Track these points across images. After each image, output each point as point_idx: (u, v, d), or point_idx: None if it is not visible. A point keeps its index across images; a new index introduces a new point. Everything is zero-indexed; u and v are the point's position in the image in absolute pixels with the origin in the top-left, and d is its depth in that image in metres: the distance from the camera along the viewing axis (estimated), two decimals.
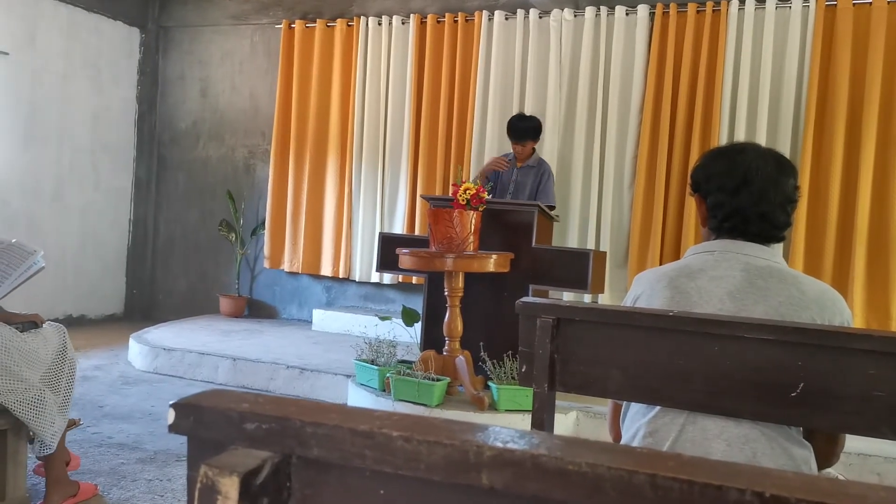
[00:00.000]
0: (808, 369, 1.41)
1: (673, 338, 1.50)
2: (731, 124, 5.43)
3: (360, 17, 6.56)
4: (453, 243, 3.84)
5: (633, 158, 5.69)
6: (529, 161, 4.92)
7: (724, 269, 1.57)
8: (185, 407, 0.67)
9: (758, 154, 1.62)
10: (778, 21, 5.34)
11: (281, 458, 0.64)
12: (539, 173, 4.89)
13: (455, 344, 4.03)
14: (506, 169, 4.91)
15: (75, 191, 6.85)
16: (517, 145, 4.86)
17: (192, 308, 7.22)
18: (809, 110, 5.19)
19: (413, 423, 0.62)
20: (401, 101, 6.41)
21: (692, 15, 5.52)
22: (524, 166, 4.92)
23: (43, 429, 2.64)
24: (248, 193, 7.17)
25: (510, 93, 6.03)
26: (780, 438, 1.47)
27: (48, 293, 6.36)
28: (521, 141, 4.84)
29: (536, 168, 4.91)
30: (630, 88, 5.68)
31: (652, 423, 1.55)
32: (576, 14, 5.86)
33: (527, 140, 4.85)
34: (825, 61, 5.21)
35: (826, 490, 0.52)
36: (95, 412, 4.17)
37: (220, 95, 7.31)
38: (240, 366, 5.04)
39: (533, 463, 0.56)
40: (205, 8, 7.33)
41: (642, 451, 0.58)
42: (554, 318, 1.61)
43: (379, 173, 6.50)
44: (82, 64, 6.85)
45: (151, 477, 3.24)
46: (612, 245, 5.70)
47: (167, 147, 7.54)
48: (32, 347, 2.69)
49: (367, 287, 6.71)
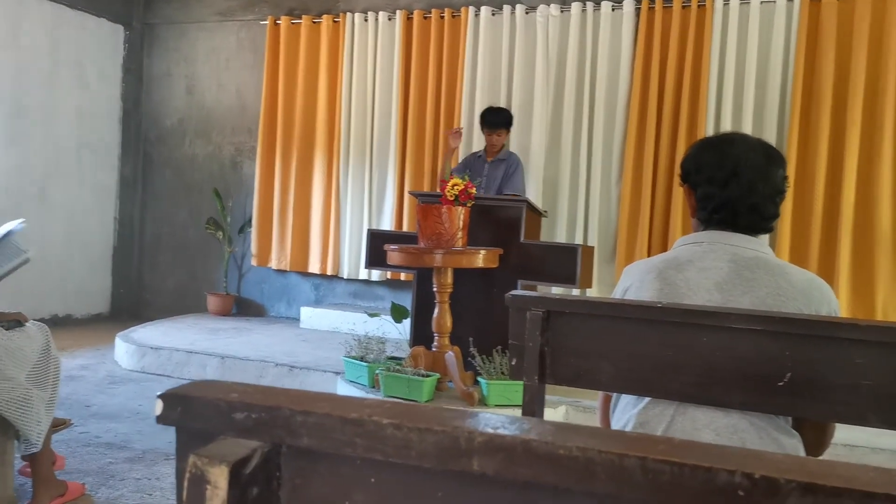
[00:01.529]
0: (796, 359, 1.42)
1: (662, 329, 1.50)
2: (716, 118, 5.45)
3: (346, 14, 6.54)
4: (442, 239, 3.84)
5: (621, 153, 5.70)
6: (500, 155, 5.00)
7: (711, 260, 1.57)
8: (174, 397, 0.66)
9: (747, 145, 1.61)
10: (763, 16, 5.37)
11: (271, 447, 0.63)
12: (508, 165, 4.96)
13: (444, 340, 4.03)
14: (457, 143, 5.08)
15: (60, 189, 6.80)
16: (492, 135, 4.97)
17: (179, 307, 7.18)
18: (794, 104, 5.23)
19: (403, 410, 0.61)
20: (388, 96, 6.40)
21: (678, 10, 5.54)
22: (494, 160, 4.99)
23: (29, 428, 2.62)
24: (235, 191, 7.13)
25: (497, 88, 6.03)
26: (769, 428, 1.48)
27: (34, 293, 6.30)
28: (496, 129, 4.95)
29: (506, 161, 5.01)
30: (616, 84, 5.70)
31: (642, 415, 1.56)
32: (562, 10, 5.87)
33: (500, 130, 4.96)
34: (810, 56, 5.25)
35: (816, 471, 0.52)
36: (83, 412, 4.14)
37: (206, 92, 7.27)
38: (228, 364, 5.02)
39: (524, 448, 0.56)
40: (190, 5, 7.28)
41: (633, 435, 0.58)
42: (544, 311, 1.61)
43: (367, 169, 6.48)
44: (66, 61, 6.79)
45: (140, 476, 3.22)
46: (600, 240, 5.72)
47: (153, 145, 7.50)
48: (18, 345, 2.66)
49: (356, 284, 6.70)
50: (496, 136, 4.95)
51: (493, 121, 4.95)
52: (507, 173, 4.94)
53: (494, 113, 5.02)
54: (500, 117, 4.98)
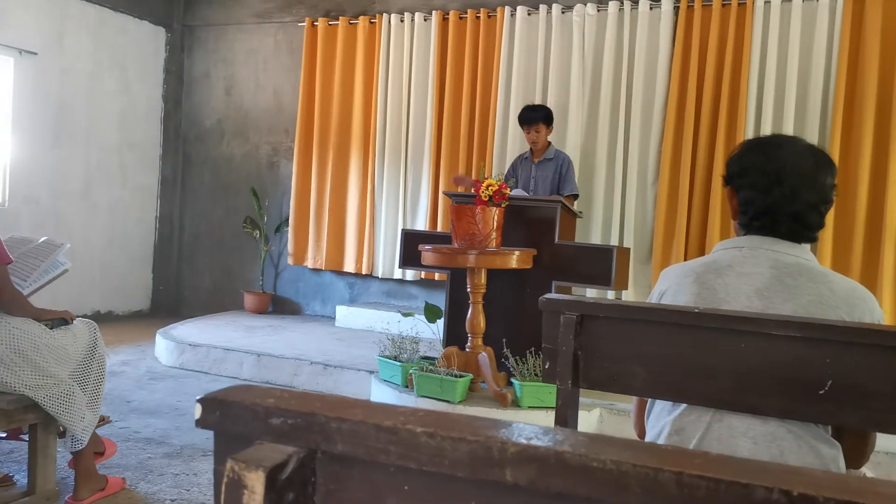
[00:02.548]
0: (837, 367, 1.39)
1: (698, 334, 1.48)
2: (756, 120, 5.36)
3: (382, 15, 6.58)
4: (476, 239, 3.84)
5: (657, 154, 5.64)
6: (546, 154, 4.93)
7: (752, 265, 1.54)
8: (212, 402, 0.67)
9: (795, 151, 1.55)
10: (805, 14, 5.26)
11: (306, 452, 0.64)
12: (558, 164, 4.89)
13: (478, 340, 4.03)
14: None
15: (103, 188, 6.95)
16: (531, 132, 4.88)
17: (216, 304, 7.29)
18: (837, 106, 5.11)
19: (437, 419, 0.62)
20: (423, 97, 6.41)
21: (717, 8, 5.45)
22: (542, 160, 4.93)
23: (73, 423, 2.69)
24: (271, 190, 7.22)
25: (532, 88, 6.01)
26: (808, 436, 1.45)
27: (76, 290, 6.46)
28: (534, 125, 4.84)
29: (554, 160, 4.92)
30: (654, 84, 5.64)
31: (678, 421, 1.54)
32: (599, 9, 5.82)
33: (538, 124, 4.85)
34: (853, 56, 5.13)
35: (855, 488, 0.51)
36: (123, 407, 4.23)
37: (245, 93, 7.37)
38: (264, 361, 5.08)
39: (557, 459, 0.56)
40: (229, 7, 7.38)
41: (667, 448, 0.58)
42: (578, 315, 1.60)
43: (401, 170, 6.51)
44: (109, 63, 6.93)
45: (178, 471, 3.28)
46: (636, 241, 5.66)
47: (192, 144, 7.62)
48: (62, 344, 2.73)
49: (390, 283, 6.73)
50: (535, 131, 4.86)
51: (529, 116, 4.87)
52: (562, 173, 4.87)
53: (531, 109, 4.95)
54: (537, 113, 4.90)
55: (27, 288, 2.80)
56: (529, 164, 4.98)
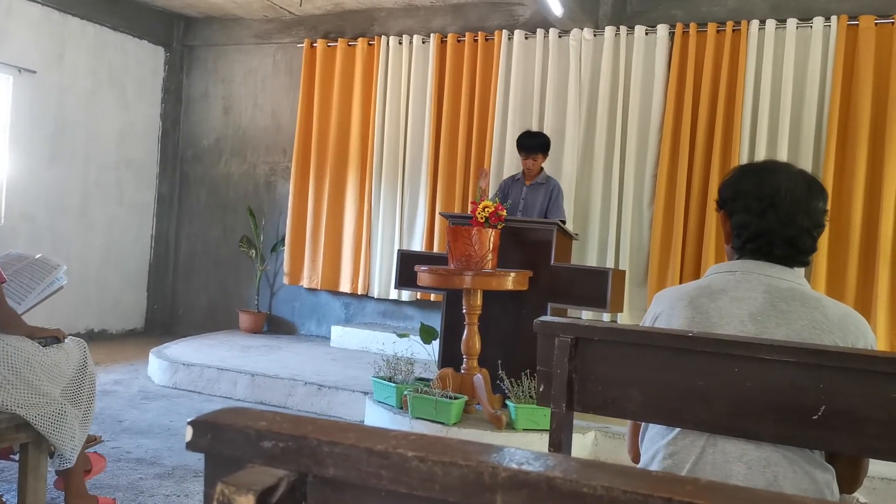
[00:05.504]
0: (830, 392, 1.39)
1: (692, 358, 1.48)
2: (751, 144, 5.40)
3: (380, 37, 6.63)
4: (472, 261, 3.84)
5: (653, 177, 5.67)
6: (538, 178, 4.96)
7: (745, 290, 1.55)
8: (203, 424, 0.67)
9: (788, 175, 1.57)
10: (799, 40, 5.32)
11: (297, 476, 0.64)
12: (548, 190, 4.94)
13: (473, 362, 4.02)
14: (485, 184, 4.91)
15: (99, 206, 6.95)
16: (528, 160, 4.92)
17: (211, 323, 7.26)
18: (831, 130, 5.15)
19: (428, 443, 0.62)
20: (420, 119, 6.45)
21: (712, 34, 5.51)
22: (533, 184, 4.97)
23: (63, 443, 2.66)
24: (268, 210, 7.23)
25: (529, 111, 6.05)
26: (802, 461, 1.45)
27: (71, 307, 6.43)
28: (532, 155, 4.89)
29: (545, 185, 4.96)
30: (650, 107, 5.68)
31: (672, 445, 1.53)
32: (595, 33, 5.87)
33: (536, 154, 4.91)
34: (847, 81, 5.17)
35: None
36: (115, 427, 4.20)
37: (243, 113, 7.40)
38: (258, 381, 5.05)
39: (548, 485, 0.56)
40: (229, 27, 7.44)
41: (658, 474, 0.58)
42: (572, 338, 1.60)
43: (398, 190, 6.53)
44: (108, 82, 6.97)
45: (169, 492, 3.25)
46: (632, 263, 5.67)
47: (190, 164, 7.64)
48: (54, 361, 2.71)
49: (386, 304, 6.73)
50: (532, 160, 4.91)
51: (529, 145, 4.91)
52: (552, 199, 4.91)
53: (531, 137, 4.98)
54: (537, 142, 4.93)
55: (21, 308, 2.79)
56: (521, 185, 5.02)
